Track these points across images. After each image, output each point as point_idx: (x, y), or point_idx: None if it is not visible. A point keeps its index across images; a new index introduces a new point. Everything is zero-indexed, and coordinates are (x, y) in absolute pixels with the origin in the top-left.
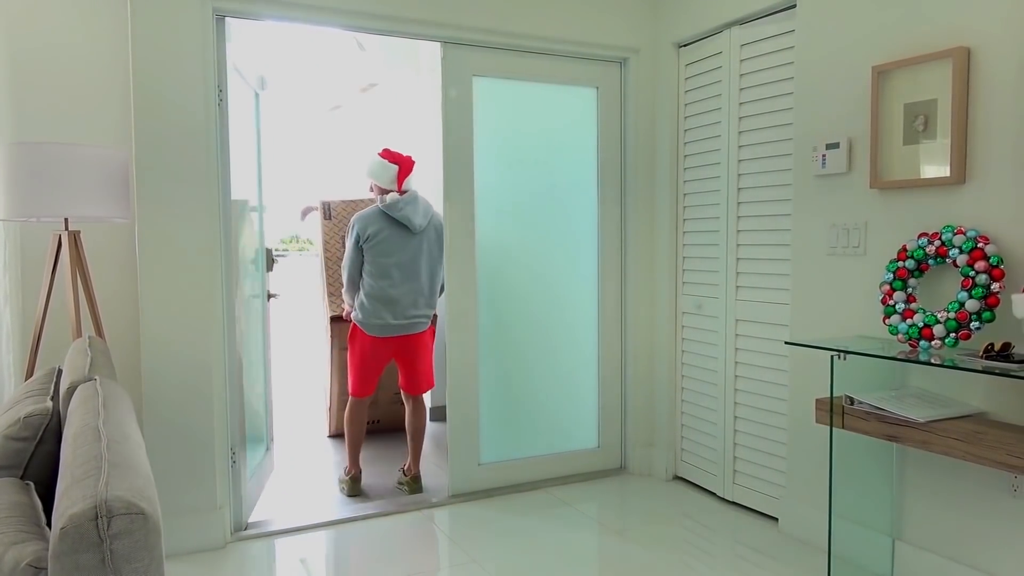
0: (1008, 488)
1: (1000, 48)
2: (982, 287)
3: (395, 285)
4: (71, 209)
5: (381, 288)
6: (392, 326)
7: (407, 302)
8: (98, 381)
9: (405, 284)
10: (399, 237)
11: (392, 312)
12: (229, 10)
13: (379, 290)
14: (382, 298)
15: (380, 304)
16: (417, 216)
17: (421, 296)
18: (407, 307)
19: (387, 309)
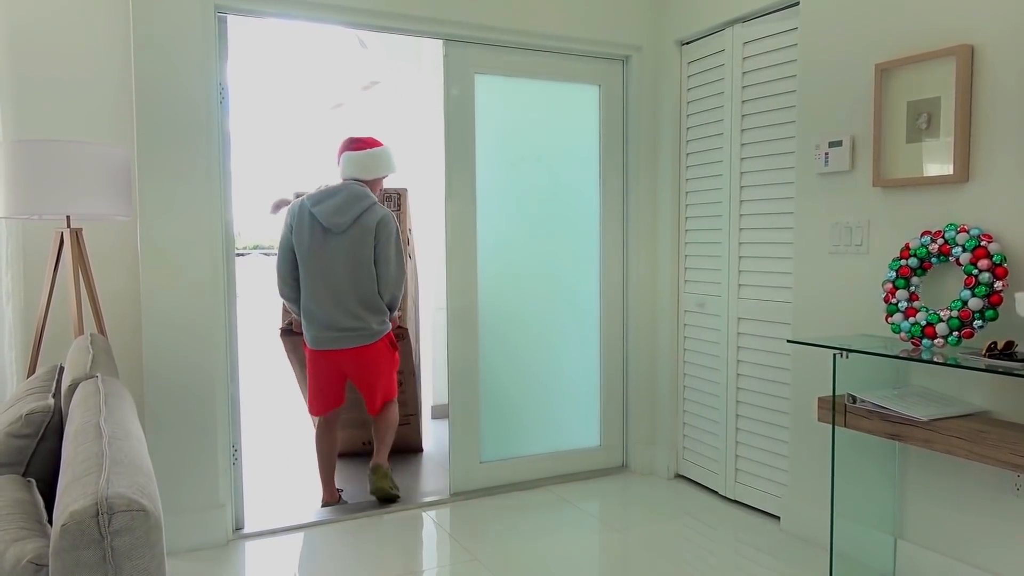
0: (1011, 487)
1: (1004, 46)
2: (985, 285)
3: (313, 293)
4: (73, 207)
5: (304, 296)
6: (323, 339)
7: (330, 314)
8: (100, 378)
9: (322, 292)
10: (317, 237)
11: (318, 324)
12: (230, 8)
13: (304, 299)
14: (305, 308)
15: (305, 314)
16: (336, 214)
17: (346, 306)
18: (333, 319)
19: (312, 320)
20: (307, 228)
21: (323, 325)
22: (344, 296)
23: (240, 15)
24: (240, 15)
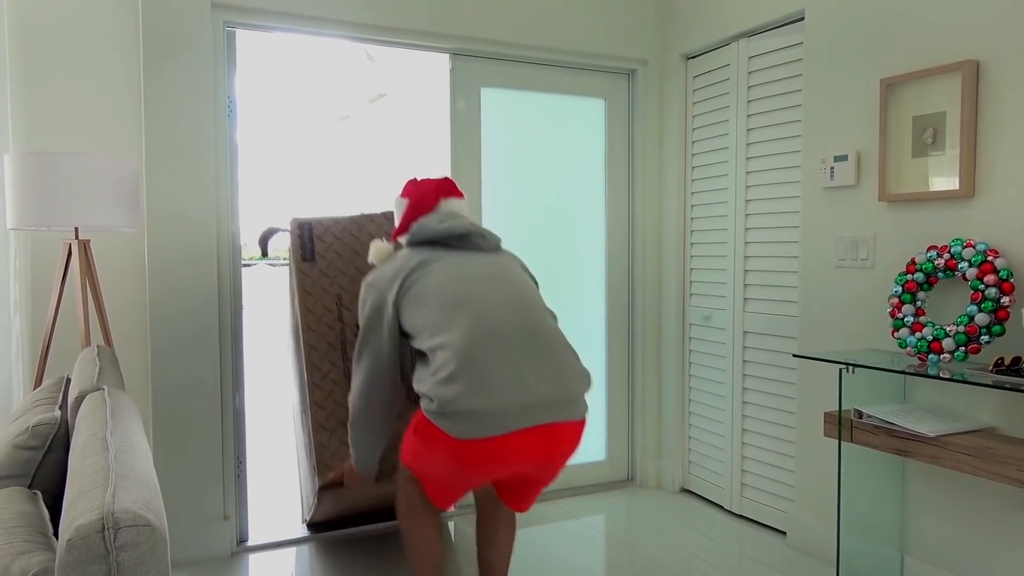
0: (1018, 504)
1: (1009, 61)
2: (992, 300)
3: (476, 346)
4: (81, 218)
5: (458, 356)
6: (509, 414)
7: (518, 373)
8: (106, 391)
9: (497, 342)
10: (464, 266)
11: (496, 393)
12: (239, 22)
13: (457, 360)
14: (461, 371)
15: (466, 381)
16: (477, 227)
17: (541, 360)
18: (523, 381)
19: (479, 390)
20: (436, 261)
21: (508, 393)
22: (534, 345)
23: (249, 29)
24: (249, 29)
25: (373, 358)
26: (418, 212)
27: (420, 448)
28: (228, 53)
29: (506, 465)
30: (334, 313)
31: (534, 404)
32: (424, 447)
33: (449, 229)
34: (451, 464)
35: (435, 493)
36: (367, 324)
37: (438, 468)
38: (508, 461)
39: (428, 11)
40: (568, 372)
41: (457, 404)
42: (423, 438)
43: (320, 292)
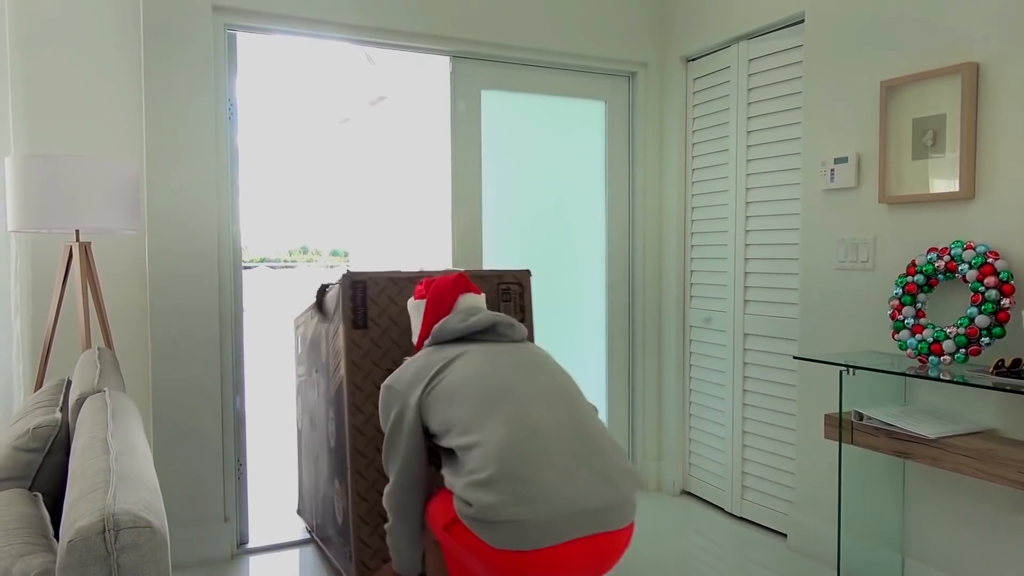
0: (1019, 506)
1: (1009, 63)
2: (992, 302)
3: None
4: (82, 221)
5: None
6: (555, 523)
7: (565, 477)
8: (107, 393)
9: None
10: (493, 360)
11: (539, 501)
12: (240, 25)
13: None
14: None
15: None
16: (500, 318)
17: (589, 460)
18: (573, 487)
19: (526, 498)
20: (463, 356)
21: (556, 500)
22: (580, 443)
23: (249, 32)
24: (249, 32)
25: (401, 464)
26: (437, 313)
27: (452, 546)
28: (229, 56)
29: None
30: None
31: (584, 512)
32: (457, 548)
33: (472, 327)
34: (487, 572)
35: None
36: (391, 429)
37: (472, 570)
38: (553, 574)
39: (428, 14)
40: (617, 473)
41: (499, 512)
42: (457, 540)
43: (370, 365)
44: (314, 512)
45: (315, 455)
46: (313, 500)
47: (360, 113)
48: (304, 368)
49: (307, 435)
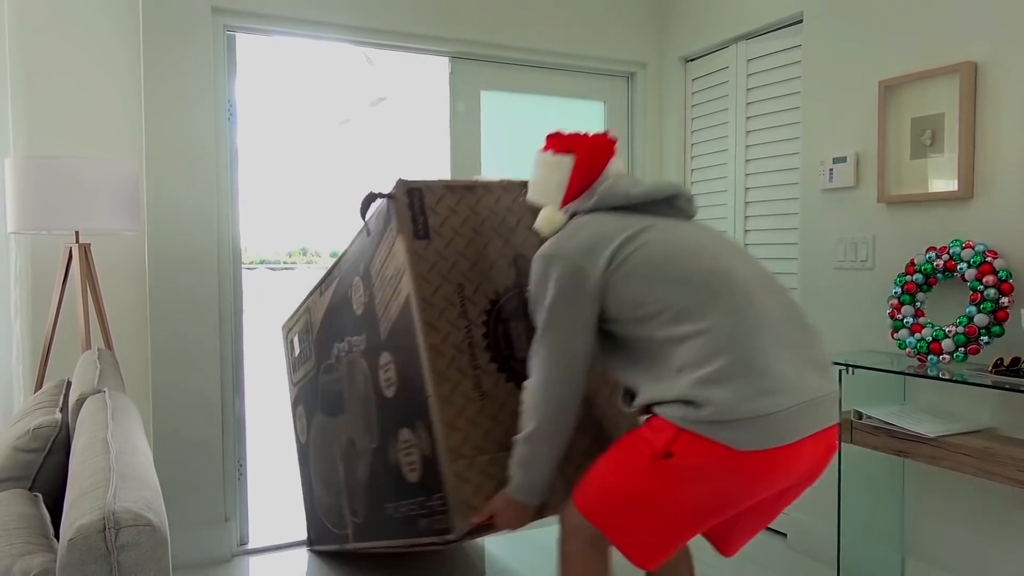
0: (1019, 504)
1: (1007, 63)
2: (991, 301)
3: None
4: (82, 222)
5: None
6: (791, 416)
7: (791, 359)
8: (107, 393)
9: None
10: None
11: (776, 386)
12: (239, 26)
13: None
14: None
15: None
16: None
17: (802, 344)
18: (796, 370)
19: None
20: (649, 229)
21: (792, 391)
22: (800, 330)
23: (249, 33)
24: (249, 33)
25: (563, 347)
26: (589, 173)
27: (657, 484)
28: (228, 57)
29: (781, 480)
30: (457, 308)
31: (814, 403)
32: (671, 479)
33: (650, 193)
34: (718, 489)
35: (647, 546)
36: (554, 304)
37: (683, 504)
38: (785, 475)
39: (427, 15)
40: (829, 364)
41: (742, 408)
42: (683, 459)
43: (438, 279)
44: (346, 518)
45: (343, 447)
46: (338, 508)
47: (360, 114)
48: (311, 363)
49: (324, 434)
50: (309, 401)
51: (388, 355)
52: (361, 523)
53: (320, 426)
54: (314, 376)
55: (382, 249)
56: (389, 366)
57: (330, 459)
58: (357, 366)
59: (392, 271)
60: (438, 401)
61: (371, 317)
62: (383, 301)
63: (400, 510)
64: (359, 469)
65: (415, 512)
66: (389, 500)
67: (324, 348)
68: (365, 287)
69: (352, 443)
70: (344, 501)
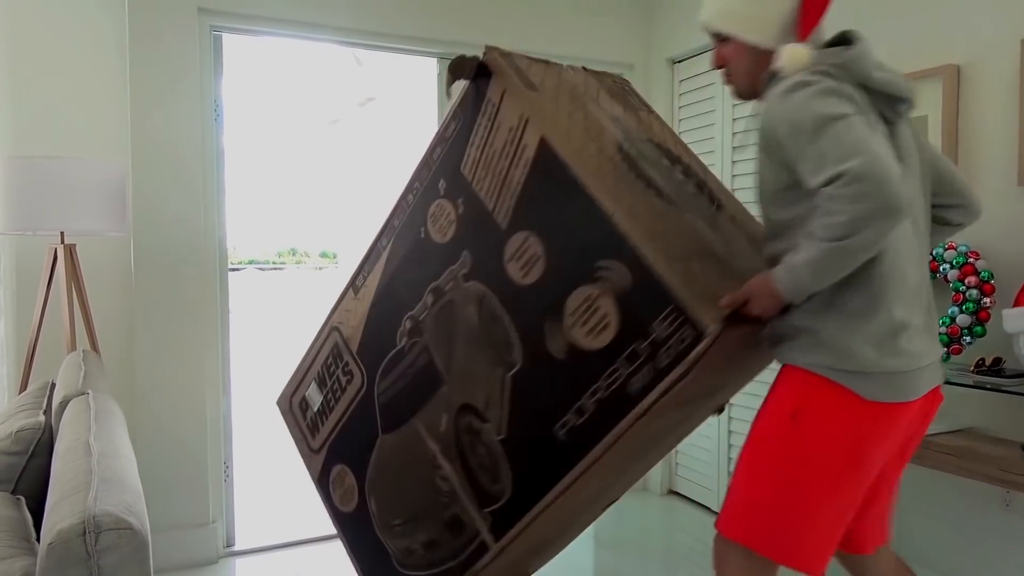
0: (1000, 502)
1: (988, 66)
2: (973, 302)
3: (903, 272)
4: (67, 223)
5: (887, 279)
6: (922, 372)
7: (925, 313)
8: (91, 395)
9: (915, 267)
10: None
11: (915, 338)
12: (226, 27)
13: (884, 283)
14: (888, 305)
15: (895, 317)
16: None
17: (928, 302)
18: (927, 323)
19: (902, 333)
20: (885, 140)
21: (921, 340)
22: (926, 277)
23: (235, 33)
24: (235, 33)
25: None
26: (819, 8)
27: (793, 459)
28: (215, 57)
29: (897, 441)
30: (593, 143)
31: (935, 364)
32: (807, 443)
33: (891, 84)
34: (848, 440)
35: (812, 548)
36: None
37: (837, 480)
38: (908, 427)
39: (415, 16)
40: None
41: (900, 345)
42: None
43: (565, 120)
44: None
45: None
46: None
47: (348, 114)
48: (353, 387)
49: (399, 456)
50: (356, 441)
51: (522, 234)
52: (512, 497)
53: (387, 452)
54: (362, 399)
55: (480, 129)
56: (527, 245)
57: (419, 479)
58: (463, 297)
59: (504, 137)
60: (626, 217)
61: (473, 222)
62: (495, 184)
63: (592, 398)
64: (488, 433)
65: (620, 377)
66: (564, 409)
67: (380, 344)
68: (452, 200)
69: (465, 410)
70: (464, 504)
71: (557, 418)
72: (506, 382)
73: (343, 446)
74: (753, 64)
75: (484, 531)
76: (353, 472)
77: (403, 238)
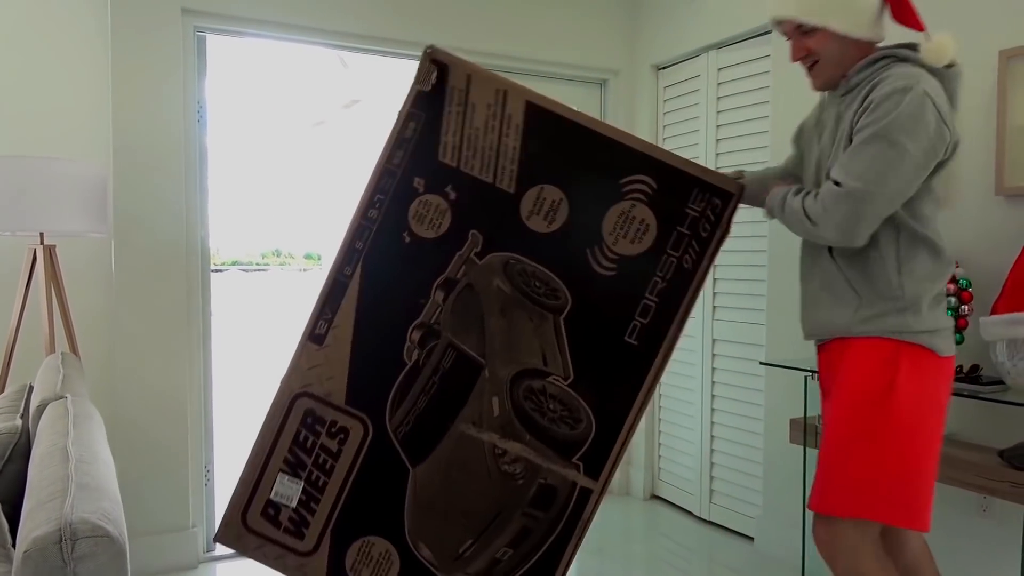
0: (978, 508)
1: (967, 77)
2: (952, 310)
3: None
4: (47, 224)
5: (942, 264)
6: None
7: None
8: (69, 399)
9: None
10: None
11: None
12: (210, 28)
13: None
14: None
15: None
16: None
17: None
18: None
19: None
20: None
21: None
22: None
23: (220, 35)
24: (220, 35)
25: (898, 188)
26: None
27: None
28: (198, 58)
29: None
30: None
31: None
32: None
33: (956, 91)
34: (943, 405)
35: (928, 504)
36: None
37: (931, 434)
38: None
39: (400, 19)
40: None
41: (945, 320)
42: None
43: (532, 88)
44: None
45: (494, 417)
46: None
47: (333, 116)
48: (359, 434)
49: (444, 473)
50: (377, 498)
51: (534, 189)
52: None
53: (428, 482)
54: (372, 447)
55: (451, 116)
56: (543, 196)
57: (481, 483)
58: (483, 274)
59: (484, 113)
60: (629, 139)
61: (474, 201)
62: (488, 158)
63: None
64: (554, 385)
65: (672, 262)
66: (627, 317)
67: (381, 377)
68: (438, 191)
69: (520, 378)
70: (547, 469)
71: (624, 330)
72: (559, 327)
73: (357, 516)
74: (842, 54)
75: (581, 479)
76: (383, 534)
77: (378, 254)
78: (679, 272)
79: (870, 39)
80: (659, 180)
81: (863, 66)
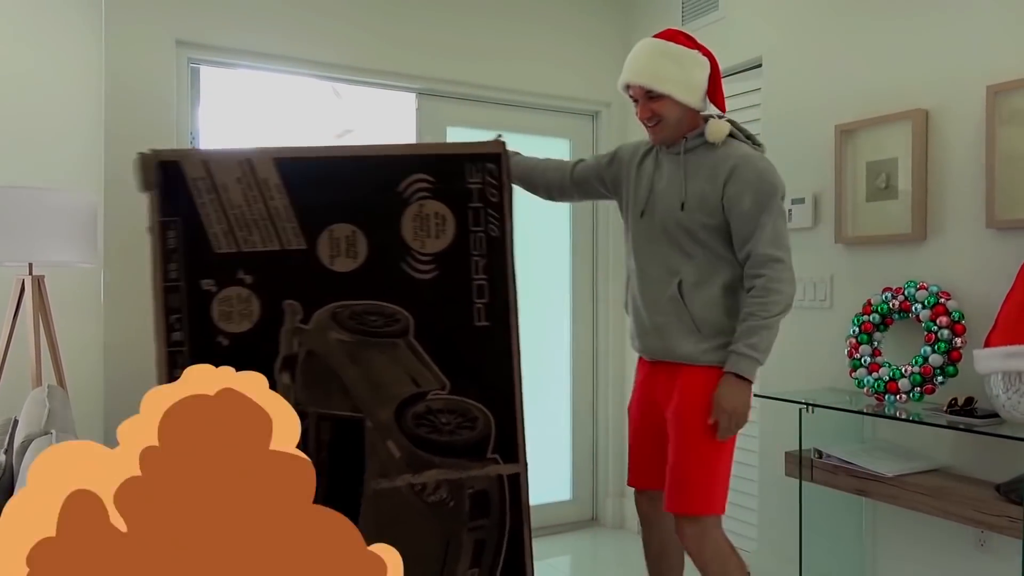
0: (975, 542)
1: (956, 111)
2: (945, 342)
3: None
4: (36, 254)
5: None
6: None
7: None
8: (54, 435)
9: None
10: None
11: None
12: (203, 59)
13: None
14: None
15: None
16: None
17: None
18: None
19: None
20: None
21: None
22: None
23: (213, 66)
24: (213, 66)
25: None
26: (718, 84)
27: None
28: (192, 89)
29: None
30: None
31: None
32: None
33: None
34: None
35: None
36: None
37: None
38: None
39: (394, 51)
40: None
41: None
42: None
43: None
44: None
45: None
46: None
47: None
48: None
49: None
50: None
51: (325, 233)
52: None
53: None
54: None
55: (206, 206)
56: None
57: (416, 529)
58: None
59: (240, 189)
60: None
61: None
62: (264, 228)
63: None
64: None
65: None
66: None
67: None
68: (230, 282)
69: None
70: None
71: (470, 317)
72: (413, 345)
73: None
74: (680, 119)
75: (503, 468)
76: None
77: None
78: (491, 242)
79: (699, 109)
80: (432, 171)
81: (697, 135)
